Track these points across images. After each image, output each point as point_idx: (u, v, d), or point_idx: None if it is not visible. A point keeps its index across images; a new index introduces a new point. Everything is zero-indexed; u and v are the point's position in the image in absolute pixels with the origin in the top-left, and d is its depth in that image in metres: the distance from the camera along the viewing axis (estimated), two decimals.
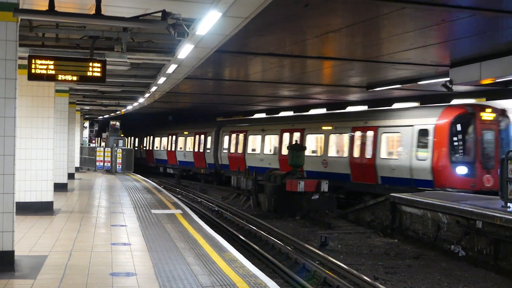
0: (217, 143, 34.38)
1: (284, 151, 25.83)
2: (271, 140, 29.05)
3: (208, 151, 35.14)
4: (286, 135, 27.57)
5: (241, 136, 31.61)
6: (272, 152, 28.75)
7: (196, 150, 36.89)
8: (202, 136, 36.13)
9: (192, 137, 37.71)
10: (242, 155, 31.21)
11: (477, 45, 14.01)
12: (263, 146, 29.35)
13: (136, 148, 50.00)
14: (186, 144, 38.69)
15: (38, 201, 13.31)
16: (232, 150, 32.34)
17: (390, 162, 20.23)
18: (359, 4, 10.49)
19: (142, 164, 45.82)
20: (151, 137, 46.84)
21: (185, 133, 39.14)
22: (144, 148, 48.54)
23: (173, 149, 40.83)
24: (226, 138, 33.31)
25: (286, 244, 14.09)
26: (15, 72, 7.44)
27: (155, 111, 41.96)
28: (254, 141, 30.50)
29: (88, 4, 8.62)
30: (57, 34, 11.41)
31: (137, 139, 52.67)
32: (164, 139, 43.23)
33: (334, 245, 14.76)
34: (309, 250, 13.44)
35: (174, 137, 40.98)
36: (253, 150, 30.26)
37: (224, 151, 33.32)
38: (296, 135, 26.52)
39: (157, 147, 44.66)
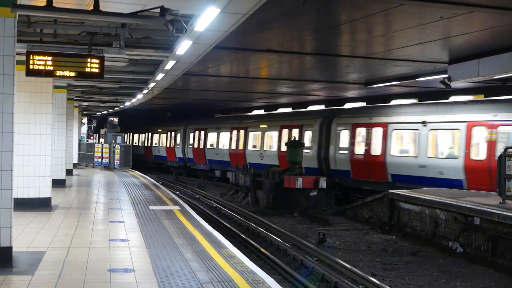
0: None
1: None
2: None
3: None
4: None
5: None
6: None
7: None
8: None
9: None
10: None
11: (475, 42, 14.01)
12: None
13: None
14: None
15: (36, 197, 13.30)
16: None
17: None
18: (358, 0, 10.48)
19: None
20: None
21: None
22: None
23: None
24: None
25: (284, 241, 14.10)
26: (13, 68, 7.42)
27: (151, 107, 41.94)
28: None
29: (86, 0, 8.60)
30: (55, 30, 11.38)
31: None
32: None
33: (332, 242, 14.78)
34: (307, 246, 13.45)
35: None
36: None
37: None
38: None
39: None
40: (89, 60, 9.37)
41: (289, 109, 34.70)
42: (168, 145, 41.98)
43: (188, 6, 8.69)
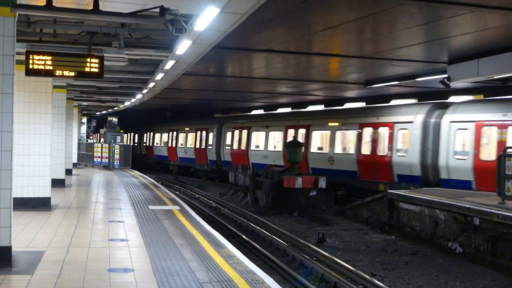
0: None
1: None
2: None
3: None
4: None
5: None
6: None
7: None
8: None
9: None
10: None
11: (475, 42, 14.01)
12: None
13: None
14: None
15: (36, 197, 13.30)
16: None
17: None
18: (357, 0, 10.49)
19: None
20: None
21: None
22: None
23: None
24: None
25: (283, 241, 14.10)
26: (13, 68, 7.42)
27: (152, 107, 41.94)
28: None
29: (86, 0, 8.60)
30: (55, 29, 11.38)
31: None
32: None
33: (332, 242, 14.78)
34: (307, 246, 13.45)
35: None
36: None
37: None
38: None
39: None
40: (88, 59, 9.36)
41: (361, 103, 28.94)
42: (197, 146, 37.24)
43: (188, 5, 8.69)
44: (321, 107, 31.23)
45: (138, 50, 12.40)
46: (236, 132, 32.38)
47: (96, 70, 9.38)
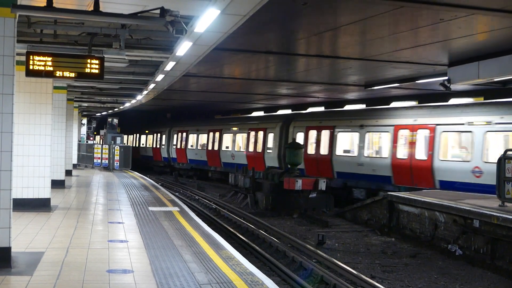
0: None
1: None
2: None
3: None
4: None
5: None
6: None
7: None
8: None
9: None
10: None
11: (475, 44, 14.01)
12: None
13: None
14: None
15: (35, 198, 13.29)
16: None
17: None
18: (358, 2, 10.49)
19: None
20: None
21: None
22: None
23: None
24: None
25: (283, 242, 14.10)
26: (13, 68, 7.42)
27: (150, 108, 41.92)
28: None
29: (86, 1, 8.60)
30: (55, 30, 11.39)
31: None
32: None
33: (331, 244, 14.77)
34: (306, 248, 13.44)
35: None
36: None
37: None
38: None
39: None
40: (89, 60, 9.36)
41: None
42: (253, 150, 30.94)
43: (188, 7, 8.70)
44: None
45: (138, 51, 12.41)
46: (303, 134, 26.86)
47: (97, 71, 9.38)
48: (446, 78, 16.52)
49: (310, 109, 32.45)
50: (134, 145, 49.71)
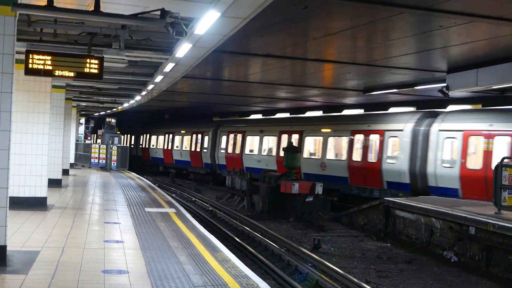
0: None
1: None
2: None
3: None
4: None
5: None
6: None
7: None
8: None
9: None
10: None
11: (474, 51, 14.05)
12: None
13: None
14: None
15: (32, 196, 13.29)
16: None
17: None
18: (358, 7, 10.51)
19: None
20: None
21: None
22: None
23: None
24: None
25: (279, 246, 14.09)
26: (12, 67, 7.43)
27: (149, 109, 41.87)
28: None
29: (87, 1, 8.61)
30: (55, 29, 11.39)
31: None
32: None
33: (327, 248, 14.77)
34: (302, 252, 13.44)
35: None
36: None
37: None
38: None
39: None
40: (88, 60, 9.37)
41: None
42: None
43: (189, 9, 8.71)
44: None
45: (138, 52, 12.42)
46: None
47: (96, 71, 9.38)
48: (445, 84, 16.55)
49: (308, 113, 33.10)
50: (144, 146, 46.97)
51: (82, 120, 46.22)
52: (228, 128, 33.42)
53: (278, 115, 36.15)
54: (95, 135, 53.47)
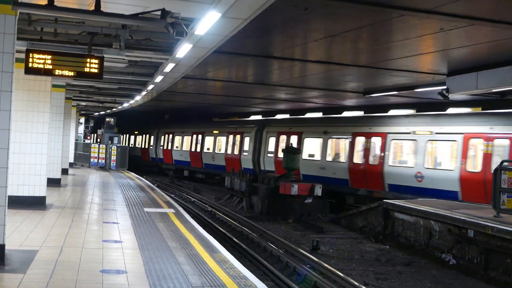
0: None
1: None
2: None
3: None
4: None
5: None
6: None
7: None
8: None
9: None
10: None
11: (474, 54, 14.05)
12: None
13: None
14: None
15: (31, 196, 13.28)
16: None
17: None
18: (358, 10, 10.51)
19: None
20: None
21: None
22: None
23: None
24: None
25: (277, 247, 14.09)
26: (12, 66, 7.43)
27: (148, 109, 41.80)
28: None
29: (87, 0, 8.61)
30: (55, 29, 11.39)
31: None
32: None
33: (326, 250, 14.77)
34: (301, 253, 13.44)
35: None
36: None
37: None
38: None
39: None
40: (88, 60, 9.37)
41: None
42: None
43: (189, 9, 8.71)
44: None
45: (138, 52, 12.41)
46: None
47: (96, 70, 9.38)
48: (445, 87, 16.56)
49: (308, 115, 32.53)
50: (166, 147, 41.56)
51: (82, 120, 46.18)
52: (278, 128, 28.32)
53: (347, 114, 28.85)
54: (95, 135, 53.28)
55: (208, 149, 34.94)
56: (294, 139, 26.43)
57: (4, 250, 7.49)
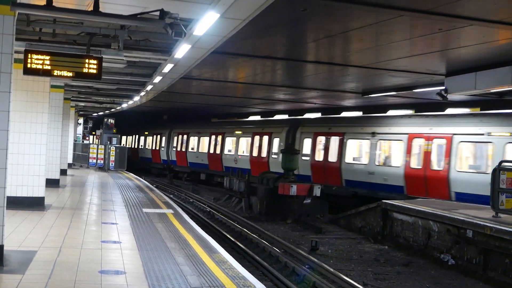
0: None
1: None
2: None
3: None
4: None
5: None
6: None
7: None
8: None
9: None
10: None
11: (473, 55, 14.06)
12: None
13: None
14: None
15: (30, 196, 13.27)
16: None
17: None
18: (357, 10, 10.51)
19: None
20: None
21: None
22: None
23: None
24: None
25: (276, 247, 14.09)
26: (11, 66, 7.42)
27: (147, 109, 41.75)
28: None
29: (86, 0, 8.61)
30: (54, 29, 11.38)
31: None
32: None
33: (325, 250, 14.77)
34: (299, 254, 13.44)
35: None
36: None
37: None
38: None
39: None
40: (87, 60, 9.36)
41: None
42: None
43: (188, 10, 8.71)
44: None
45: (136, 53, 12.41)
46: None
47: (94, 71, 9.37)
48: (443, 87, 16.56)
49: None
50: (180, 149, 38.43)
51: (81, 120, 46.15)
52: (314, 129, 25.50)
53: (399, 112, 24.97)
54: (94, 135, 53.10)
55: (229, 150, 32.72)
56: (334, 141, 24.01)
57: (3, 250, 7.48)
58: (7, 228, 8.61)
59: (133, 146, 49.96)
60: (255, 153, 29.70)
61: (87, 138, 49.99)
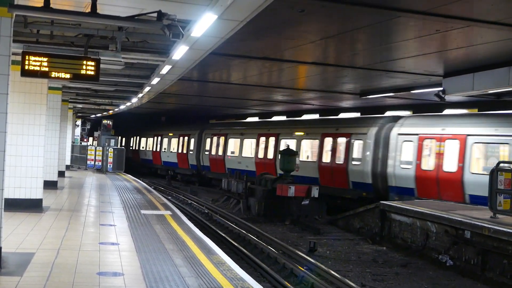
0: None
1: None
2: None
3: None
4: None
5: None
6: None
7: None
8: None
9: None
10: None
11: (471, 56, 14.08)
12: None
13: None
14: None
15: (27, 198, 13.25)
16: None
17: None
18: (355, 11, 10.52)
19: None
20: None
21: None
22: None
23: None
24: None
25: (274, 249, 14.08)
26: (8, 68, 7.41)
27: (144, 111, 41.65)
28: None
29: (83, 2, 8.61)
30: (51, 31, 11.38)
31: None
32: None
33: (323, 251, 14.77)
34: (298, 255, 13.43)
35: None
36: None
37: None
38: None
39: None
40: (84, 62, 9.34)
41: None
42: None
43: (186, 11, 8.71)
44: None
45: (134, 54, 12.41)
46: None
47: (92, 72, 9.35)
48: (441, 88, 16.58)
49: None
50: (214, 153, 33.38)
51: (79, 122, 46.11)
52: (419, 129, 20.08)
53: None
54: (92, 138, 52.95)
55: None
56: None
57: (1, 253, 7.46)
58: (5, 230, 8.61)
59: (153, 149, 43.46)
60: (326, 159, 24.10)
61: (85, 140, 49.94)
